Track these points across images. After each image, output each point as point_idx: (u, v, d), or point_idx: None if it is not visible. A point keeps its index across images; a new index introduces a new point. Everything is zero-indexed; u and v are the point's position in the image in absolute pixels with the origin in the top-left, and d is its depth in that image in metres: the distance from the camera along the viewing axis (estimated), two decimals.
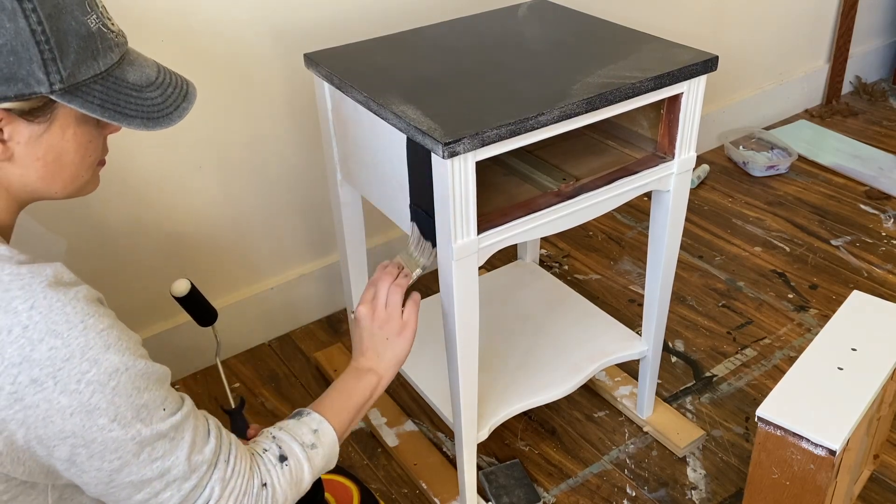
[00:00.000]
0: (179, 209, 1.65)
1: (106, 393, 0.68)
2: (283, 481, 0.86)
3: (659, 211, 1.36)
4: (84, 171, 0.78)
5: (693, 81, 1.21)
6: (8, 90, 0.67)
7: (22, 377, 0.65)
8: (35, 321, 0.66)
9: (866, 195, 2.41)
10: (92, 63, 0.72)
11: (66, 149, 0.74)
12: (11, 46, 0.66)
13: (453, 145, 1.00)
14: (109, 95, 0.73)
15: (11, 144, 0.71)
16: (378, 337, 1.07)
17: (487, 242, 1.13)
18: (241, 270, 1.80)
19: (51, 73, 0.69)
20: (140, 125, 0.76)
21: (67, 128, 0.74)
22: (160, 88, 0.78)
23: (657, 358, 1.54)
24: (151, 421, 0.72)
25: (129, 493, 0.73)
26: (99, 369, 0.68)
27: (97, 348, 0.68)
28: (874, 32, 3.06)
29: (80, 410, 0.67)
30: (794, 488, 1.15)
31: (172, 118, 0.78)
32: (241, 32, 1.57)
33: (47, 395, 0.66)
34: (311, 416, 0.95)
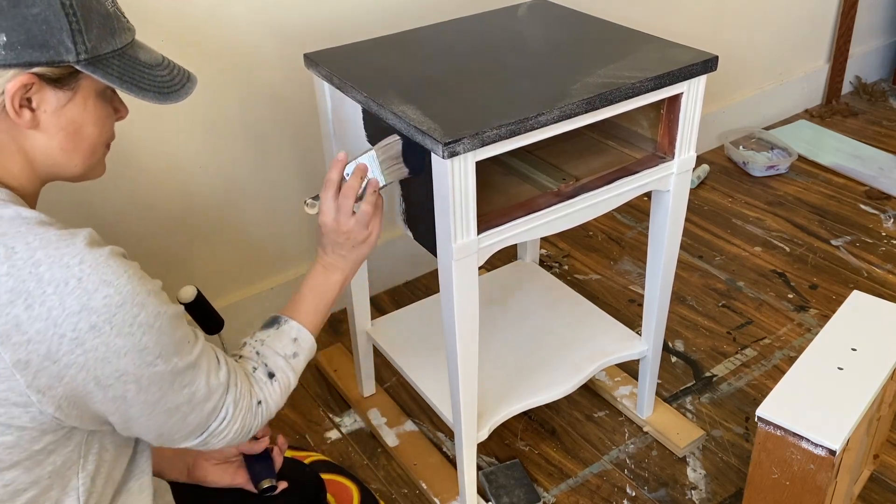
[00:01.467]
0: (179, 209, 1.65)
1: (153, 333, 0.76)
2: (275, 395, 0.95)
3: (659, 211, 1.36)
4: (99, 146, 0.84)
5: (693, 81, 1.21)
6: (41, 56, 0.74)
7: (82, 324, 0.72)
8: (87, 273, 0.72)
9: (866, 195, 2.41)
10: (111, 39, 0.79)
11: (86, 121, 0.81)
12: (45, 16, 0.73)
13: (453, 145, 1.00)
14: (126, 69, 0.80)
15: (39, 112, 0.77)
16: (342, 242, 1.08)
17: (487, 242, 1.13)
18: (241, 270, 1.80)
19: (77, 43, 0.75)
20: (153, 98, 0.83)
21: (88, 99, 0.80)
22: (167, 69, 0.86)
23: (657, 358, 1.54)
24: (183, 354, 0.80)
25: (163, 419, 0.81)
26: (146, 312, 0.75)
27: (143, 293, 0.75)
28: (874, 32, 3.06)
29: (133, 350, 0.75)
30: (794, 488, 1.15)
31: (181, 94, 0.86)
32: (241, 32, 1.57)
33: (105, 339, 0.73)
34: (289, 325, 1.01)
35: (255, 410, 0.92)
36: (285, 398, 0.97)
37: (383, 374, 1.76)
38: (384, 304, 1.99)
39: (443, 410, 1.39)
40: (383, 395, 1.71)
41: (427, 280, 2.08)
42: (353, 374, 1.73)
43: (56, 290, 0.71)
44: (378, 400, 1.69)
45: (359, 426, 1.66)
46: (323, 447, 1.61)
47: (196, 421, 0.84)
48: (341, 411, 1.69)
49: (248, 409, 0.90)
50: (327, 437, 1.64)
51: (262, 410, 0.93)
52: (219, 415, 0.86)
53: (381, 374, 1.75)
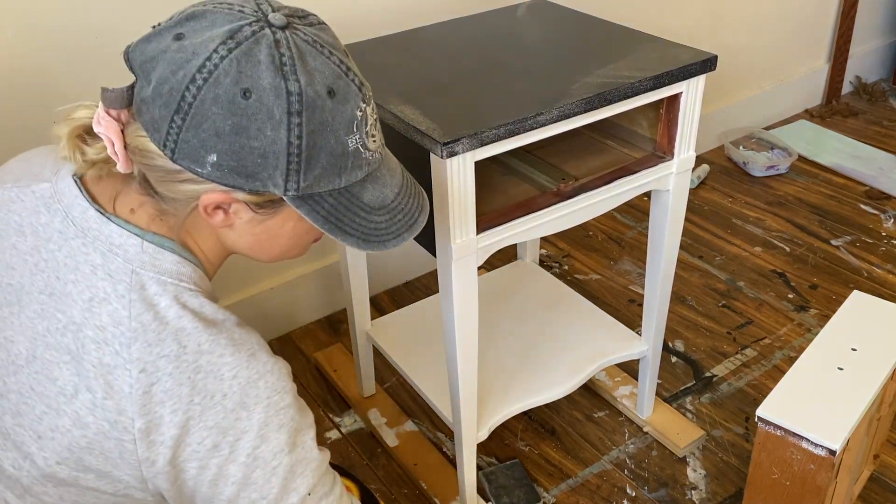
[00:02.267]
0: None
1: (266, 470, 0.74)
2: None
3: (658, 211, 1.36)
4: (293, 251, 0.82)
5: (692, 81, 1.21)
6: (244, 184, 0.71)
7: (208, 441, 0.71)
8: (234, 391, 0.72)
9: (866, 195, 2.41)
10: (335, 178, 0.73)
11: (281, 234, 0.78)
12: (263, 151, 0.69)
13: (452, 145, 1.00)
14: (338, 210, 0.75)
15: (233, 216, 0.75)
16: None
17: (486, 242, 1.13)
18: (240, 270, 1.80)
19: (289, 181, 0.71)
20: (354, 243, 0.77)
21: (288, 220, 0.77)
22: (390, 213, 0.79)
23: (657, 358, 1.54)
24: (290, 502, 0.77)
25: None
26: (268, 446, 0.73)
27: (272, 426, 0.73)
28: (874, 32, 3.05)
29: (240, 482, 0.73)
30: (794, 488, 1.15)
31: (387, 244, 0.80)
32: None
33: (220, 461, 0.72)
34: None
35: None
36: None
37: (383, 374, 1.76)
38: (384, 304, 1.99)
39: (443, 410, 1.38)
40: (383, 395, 1.71)
41: (427, 280, 2.08)
42: (353, 374, 1.73)
43: (201, 402, 0.71)
44: (378, 400, 1.69)
45: (359, 426, 1.66)
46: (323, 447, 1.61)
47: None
48: (341, 411, 1.69)
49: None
50: (327, 438, 1.64)
51: None
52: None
53: (381, 374, 1.75)
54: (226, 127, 0.67)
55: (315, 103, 0.69)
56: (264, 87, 0.67)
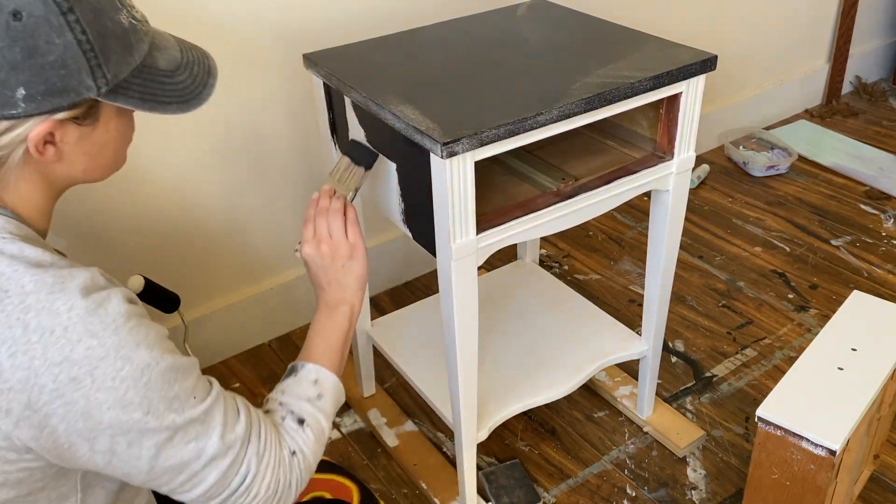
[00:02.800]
0: (179, 209, 1.65)
1: (139, 388, 0.72)
2: (309, 443, 0.89)
3: (658, 211, 1.36)
4: (122, 155, 0.83)
5: (692, 81, 1.21)
6: (62, 101, 0.71)
7: (63, 375, 0.69)
8: (74, 322, 0.70)
9: (866, 195, 2.41)
10: (129, 59, 0.75)
11: (109, 139, 0.79)
12: (62, 61, 0.69)
13: (452, 145, 1.00)
14: (146, 87, 0.77)
15: (61, 145, 0.75)
16: (332, 269, 1.04)
17: (486, 242, 1.13)
18: (240, 270, 1.80)
19: (97, 77, 0.72)
20: (176, 110, 0.79)
21: (110, 122, 0.78)
22: (187, 69, 0.82)
23: (657, 358, 1.54)
24: (183, 409, 0.76)
25: (170, 477, 0.77)
26: (132, 366, 0.72)
27: (129, 346, 0.72)
28: (874, 32, 3.05)
29: (116, 405, 0.71)
30: (795, 488, 1.15)
31: (202, 98, 0.82)
32: (240, 32, 1.57)
33: (86, 392, 0.70)
34: (305, 369, 0.96)
35: (290, 463, 0.86)
36: (322, 447, 0.92)
37: (383, 374, 1.76)
38: (384, 304, 1.99)
39: (443, 410, 1.38)
40: (383, 395, 1.71)
41: (427, 280, 2.08)
42: (353, 374, 1.73)
43: (40, 339, 0.69)
44: (378, 400, 1.69)
45: (359, 426, 1.66)
46: None
47: (213, 479, 0.79)
48: (341, 411, 1.69)
49: (279, 463, 0.84)
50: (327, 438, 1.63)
51: (297, 462, 0.87)
52: (239, 470, 0.81)
53: (381, 374, 1.75)
54: (16, 56, 0.68)
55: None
56: (27, 2, 0.68)
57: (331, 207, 1.06)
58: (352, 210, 1.07)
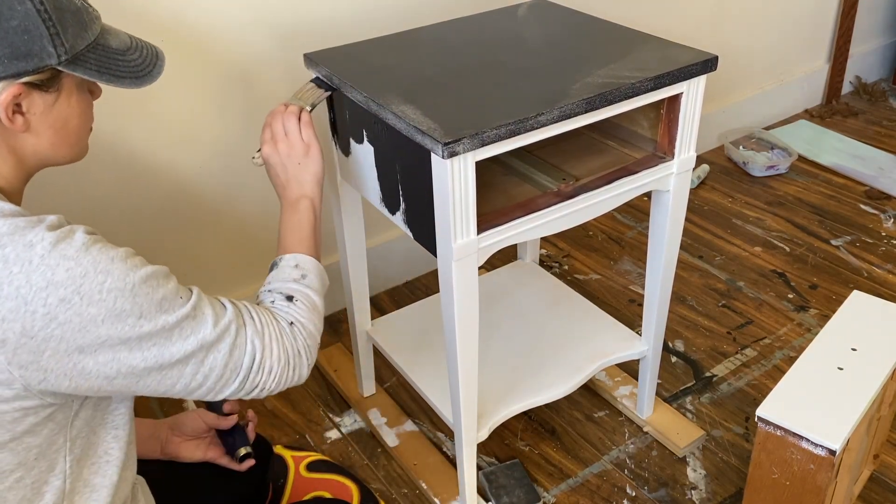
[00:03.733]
0: (179, 207, 1.65)
1: (126, 296, 0.78)
2: (303, 312, 0.96)
3: (659, 211, 1.36)
4: (85, 134, 0.89)
5: (693, 81, 1.21)
6: (27, 65, 0.77)
7: (51, 298, 0.74)
8: (48, 250, 0.75)
9: (866, 195, 2.41)
10: (84, 34, 0.82)
11: (71, 115, 0.85)
12: (24, 26, 0.76)
13: (453, 145, 1.00)
14: (102, 61, 0.84)
15: (29, 116, 0.81)
16: (290, 166, 1.10)
17: (487, 242, 1.13)
18: (241, 270, 1.79)
19: (57, 46, 0.79)
20: (130, 84, 0.87)
21: (71, 94, 0.84)
22: (137, 51, 0.89)
23: (657, 358, 1.54)
24: (173, 309, 0.81)
25: (179, 371, 0.83)
26: (113, 277, 0.77)
27: (104, 261, 0.77)
28: (874, 32, 3.06)
29: (110, 316, 0.77)
30: (794, 488, 1.15)
31: (153, 75, 0.90)
32: (240, 32, 1.57)
33: (77, 310, 0.75)
34: (283, 259, 1.03)
35: (293, 333, 0.93)
36: (318, 316, 0.98)
37: (383, 374, 1.76)
38: (384, 304, 1.99)
39: (443, 410, 1.38)
40: (383, 395, 1.71)
41: (427, 280, 2.08)
42: (353, 374, 1.73)
43: (22, 269, 0.73)
44: (378, 400, 1.69)
45: (359, 426, 1.66)
46: (323, 447, 1.61)
47: (222, 362, 0.85)
48: (341, 411, 1.69)
49: (282, 334, 0.92)
50: (327, 437, 1.64)
51: (299, 331, 0.94)
52: (247, 350, 0.87)
53: (381, 374, 1.75)
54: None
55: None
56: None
57: (286, 111, 1.13)
58: (306, 114, 1.14)
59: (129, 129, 1.51)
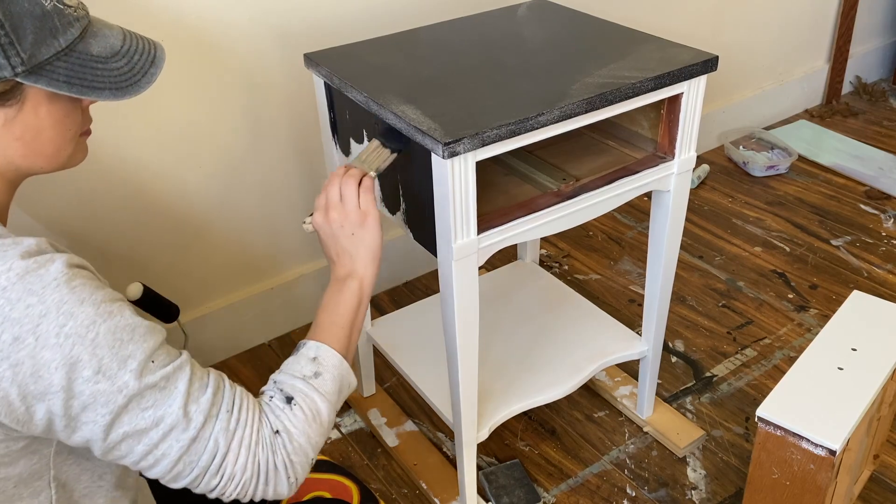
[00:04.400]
0: (179, 209, 1.65)
1: (86, 344, 0.69)
2: (297, 422, 0.83)
3: (659, 211, 1.36)
4: (66, 144, 0.80)
5: (693, 81, 1.21)
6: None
7: (5, 336, 0.67)
8: (12, 282, 0.68)
9: (866, 195, 2.41)
10: (52, 41, 0.73)
11: (42, 126, 0.76)
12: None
13: (453, 145, 1.00)
14: (75, 71, 0.75)
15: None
16: (341, 237, 0.98)
17: (487, 242, 1.13)
18: (240, 270, 1.80)
19: (10, 56, 0.71)
20: (109, 96, 0.78)
21: (39, 106, 0.75)
22: (125, 57, 0.80)
23: (657, 358, 1.54)
24: (140, 373, 0.72)
25: (129, 446, 0.74)
26: (76, 321, 0.69)
27: (71, 302, 0.69)
28: (874, 32, 3.06)
29: (64, 364, 0.69)
30: (794, 488, 1.15)
31: (141, 85, 0.80)
32: (240, 32, 1.57)
33: (30, 352, 0.68)
34: (306, 346, 0.91)
35: (274, 444, 0.80)
36: (318, 427, 0.85)
37: (383, 374, 1.76)
38: (384, 304, 1.99)
39: (443, 410, 1.38)
40: (383, 395, 1.71)
41: (427, 280, 2.08)
42: None
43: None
44: (378, 400, 1.69)
45: (359, 426, 1.66)
46: (323, 447, 1.61)
47: (175, 453, 0.75)
48: (341, 411, 1.69)
49: (258, 442, 0.79)
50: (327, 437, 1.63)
51: (284, 443, 0.81)
52: (207, 447, 0.76)
53: (381, 374, 1.75)
54: None
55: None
56: None
57: (345, 174, 1.01)
58: (368, 179, 1.01)
59: (126, 130, 1.51)
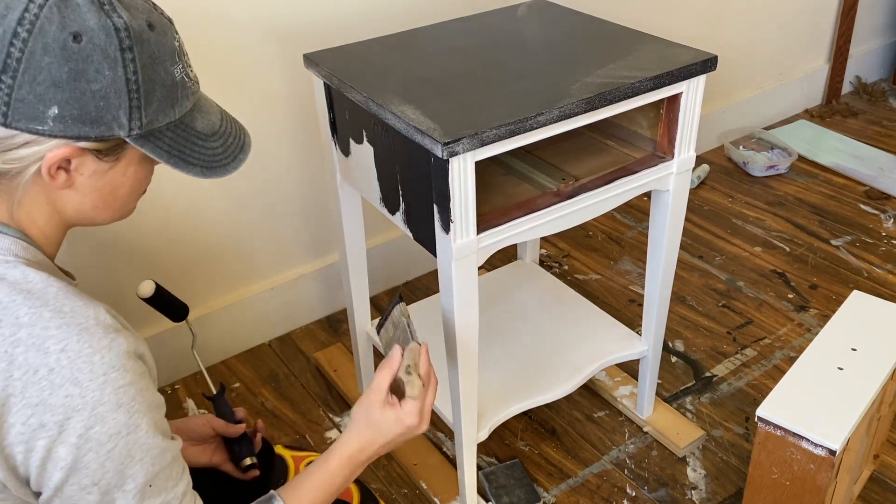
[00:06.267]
0: (178, 209, 1.65)
1: (100, 454, 0.69)
2: None
3: (659, 211, 1.36)
4: (132, 201, 0.82)
5: (692, 81, 1.21)
6: (90, 131, 0.70)
7: (33, 420, 0.67)
8: (62, 365, 0.67)
9: (866, 195, 2.41)
10: (169, 111, 0.75)
11: (123, 184, 0.78)
12: (105, 93, 0.69)
13: (453, 145, 1.00)
14: (177, 142, 0.76)
15: (75, 175, 0.73)
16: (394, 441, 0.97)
17: (487, 242, 1.13)
18: (241, 270, 1.80)
19: (133, 119, 0.72)
20: (198, 173, 0.79)
21: (129, 166, 0.77)
22: (222, 138, 0.81)
23: (657, 358, 1.54)
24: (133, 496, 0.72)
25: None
26: (103, 427, 0.69)
27: (108, 405, 0.69)
28: (874, 32, 3.06)
29: (70, 466, 0.69)
30: (794, 488, 1.15)
31: (228, 168, 0.82)
32: (240, 32, 1.57)
33: (48, 443, 0.68)
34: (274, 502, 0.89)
35: None
36: None
37: None
38: (384, 304, 1.99)
39: (443, 410, 1.38)
40: None
41: (427, 280, 2.08)
42: (353, 374, 1.73)
43: (22, 377, 0.67)
44: None
45: None
46: (323, 447, 1.61)
47: None
48: (341, 411, 1.69)
49: None
50: (327, 437, 1.64)
51: None
52: None
53: None
54: (63, 75, 0.67)
55: (141, 37, 0.70)
56: (93, 28, 0.67)
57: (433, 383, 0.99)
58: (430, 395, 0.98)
59: None
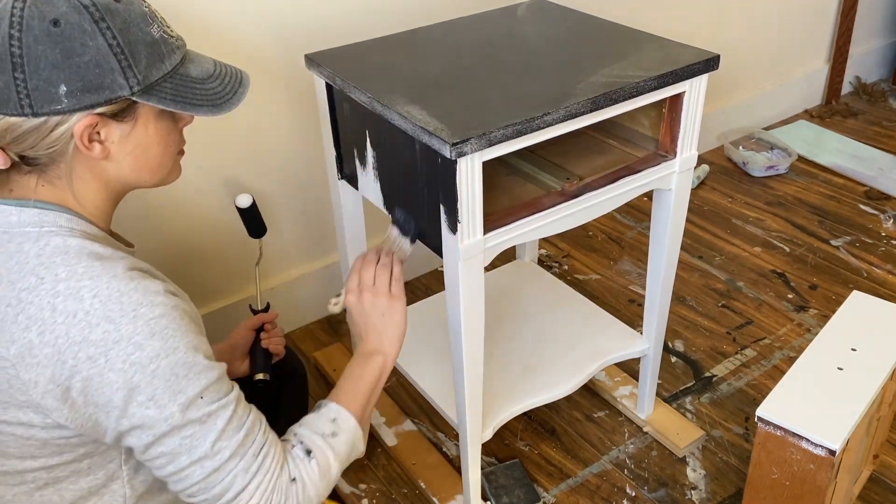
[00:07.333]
0: (178, 208, 1.65)
1: (146, 374, 0.80)
2: (312, 474, 0.93)
3: (660, 210, 1.36)
4: (167, 159, 0.93)
5: (695, 80, 1.21)
6: (99, 97, 0.81)
7: (81, 354, 0.79)
8: (95, 308, 0.79)
9: (866, 195, 2.42)
10: (160, 65, 0.86)
11: (150, 142, 0.89)
12: (96, 61, 0.80)
13: (461, 145, 1.00)
14: (178, 90, 0.87)
15: (108, 144, 0.85)
16: (373, 317, 1.10)
17: (493, 242, 1.13)
18: (241, 270, 1.79)
19: (129, 77, 0.83)
20: (207, 112, 0.90)
21: (149, 123, 0.88)
22: (219, 79, 0.93)
23: (657, 358, 1.55)
24: (186, 407, 0.82)
25: (161, 463, 0.85)
26: (142, 353, 0.80)
27: (143, 334, 0.80)
28: (874, 32, 3.06)
29: (124, 386, 0.80)
30: (794, 488, 1.16)
31: (233, 102, 0.93)
32: (241, 32, 1.57)
33: (99, 370, 0.79)
34: (328, 407, 1.02)
35: (286, 488, 0.90)
36: (326, 482, 0.95)
37: None
38: None
39: (447, 411, 1.38)
40: (382, 395, 1.71)
41: (427, 280, 2.08)
42: None
43: (65, 321, 0.78)
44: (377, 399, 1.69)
45: None
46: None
47: (198, 477, 0.85)
48: None
49: (274, 487, 0.89)
50: None
51: (296, 490, 0.91)
52: (223, 481, 0.86)
53: None
54: (57, 56, 0.79)
55: (109, 8, 0.82)
56: (65, 11, 0.79)
57: (380, 262, 1.13)
58: (398, 266, 1.14)
59: None
